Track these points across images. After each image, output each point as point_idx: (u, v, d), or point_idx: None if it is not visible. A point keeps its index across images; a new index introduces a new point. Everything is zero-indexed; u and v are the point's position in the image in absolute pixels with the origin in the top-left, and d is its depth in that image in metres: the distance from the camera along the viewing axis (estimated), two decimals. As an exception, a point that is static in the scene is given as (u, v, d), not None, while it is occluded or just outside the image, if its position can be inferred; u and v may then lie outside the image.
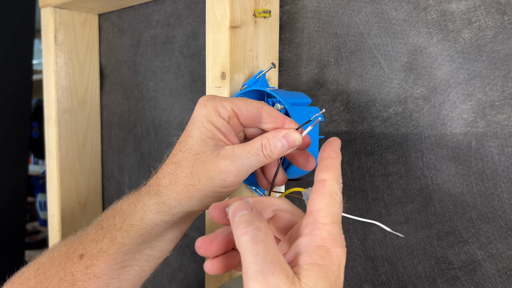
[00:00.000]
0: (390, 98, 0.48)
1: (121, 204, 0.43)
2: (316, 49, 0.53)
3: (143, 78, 0.75)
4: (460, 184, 0.44)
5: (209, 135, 0.38)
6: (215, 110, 0.38)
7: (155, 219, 0.40)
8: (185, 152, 0.39)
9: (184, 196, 0.39)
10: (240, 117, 0.38)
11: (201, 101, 0.39)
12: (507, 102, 0.41)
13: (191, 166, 0.38)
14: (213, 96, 0.39)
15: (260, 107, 0.38)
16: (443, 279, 0.45)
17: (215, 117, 0.38)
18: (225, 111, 0.38)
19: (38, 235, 2.28)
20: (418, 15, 0.45)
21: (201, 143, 0.38)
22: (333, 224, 0.30)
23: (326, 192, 0.31)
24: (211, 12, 0.49)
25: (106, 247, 0.41)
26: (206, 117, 0.38)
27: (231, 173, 0.38)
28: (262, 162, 0.38)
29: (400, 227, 0.48)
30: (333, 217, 0.31)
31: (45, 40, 0.77)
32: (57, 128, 0.77)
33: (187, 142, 0.39)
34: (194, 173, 0.38)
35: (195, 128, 0.38)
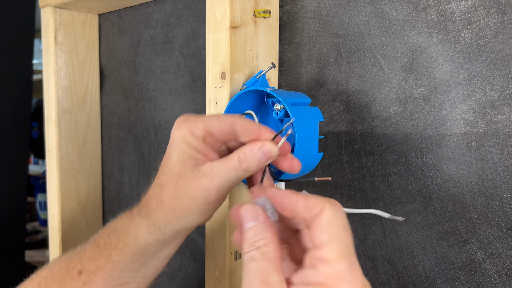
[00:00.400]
0: (390, 98, 0.48)
1: (115, 224, 0.44)
2: (316, 49, 0.53)
3: (143, 78, 0.75)
4: (460, 184, 0.44)
5: (186, 156, 0.39)
6: (190, 131, 0.38)
7: (148, 239, 0.42)
8: (167, 174, 0.40)
9: (171, 217, 0.40)
10: (215, 135, 0.38)
11: (176, 123, 0.39)
12: (507, 102, 0.41)
13: (173, 187, 0.39)
14: (187, 117, 0.39)
15: (233, 122, 0.38)
16: (443, 279, 0.46)
17: (190, 138, 0.38)
18: (198, 131, 0.38)
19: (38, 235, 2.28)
20: (418, 15, 0.45)
21: (180, 164, 0.39)
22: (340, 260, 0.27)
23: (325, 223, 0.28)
24: (211, 12, 0.49)
25: (103, 264, 0.43)
26: (181, 139, 0.38)
27: (213, 190, 0.38)
28: (242, 177, 0.38)
29: (400, 227, 0.48)
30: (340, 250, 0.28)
31: (45, 40, 0.77)
32: (57, 128, 0.77)
33: (168, 165, 0.40)
34: (177, 194, 0.39)
35: (173, 150, 0.39)
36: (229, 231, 0.50)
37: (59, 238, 0.78)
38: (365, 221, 0.50)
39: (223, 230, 0.50)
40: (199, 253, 0.69)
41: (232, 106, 0.47)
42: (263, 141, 0.37)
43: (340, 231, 0.28)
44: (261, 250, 0.30)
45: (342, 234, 0.28)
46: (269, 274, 0.29)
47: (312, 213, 0.29)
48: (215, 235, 0.51)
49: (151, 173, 0.76)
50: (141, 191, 0.78)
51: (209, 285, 0.53)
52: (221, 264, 0.51)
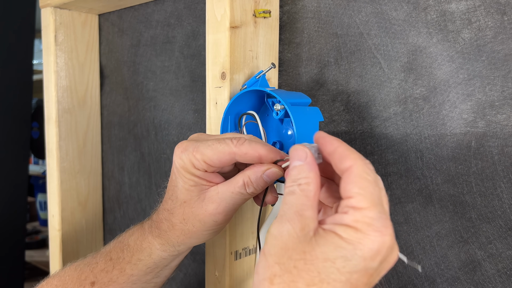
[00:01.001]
0: (390, 98, 0.48)
1: (127, 239, 0.45)
2: (316, 49, 0.53)
3: (143, 78, 0.75)
4: (460, 184, 0.44)
5: (191, 184, 0.40)
6: (190, 163, 0.39)
7: (163, 255, 0.44)
8: (174, 200, 0.41)
9: (183, 238, 0.42)
10: (215, 166, 0.39)
11: (176, 151, 0.40)
12: (507, 102, 0.41)
13: (182, 213, 0.41)
14: (186, 146, 0.39)
15: (232, 153, 0.38)
16: (443, 279, 0.46)
17: (192, 169, 0.39)
18: (198, 164, 0.39)
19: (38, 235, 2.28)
20: (418, 15, 0.45)
21: (185, 192, 0.40)
22: (370, 208, 0.28)
23: (356, 176, 0.29)
24: (211, 12, 0.49)
25: (116, 277, 0.44)
26: (183, 169, 0.39)
27: (220, 215, 0.40)
28: (247, 199, 0.40)
29: (400, 227, 0.48)
30: (370, 199, 0.28)
31: (45, 40, 0.77)
32: (57, 128, 0.77)
33: (174, 191, 0.41)
34: (186, 219, 0.41)
35: (178, 178, 0.40)
36: (229, 231, 0.50)
37: (59, 238, 0.78)
38: (365, 221, 0.50)
39: (223, 230, 0.50)
40: (199, 253, 0.69)
41: (232, 106, 0.47)
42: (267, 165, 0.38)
43: (369, 184, 0.29)
44: (302, 187, 0.31)
45: (372, 187, 0.29)
46: (305, 209, 0.30)
47: (344, 165, 0.30)
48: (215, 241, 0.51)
49: (151, 173, 0.76)
50: (141, 191, 0.78)
51: (209, 285, 0.53)
52: (221, 264, 0.51)
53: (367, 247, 0.28)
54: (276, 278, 0.28)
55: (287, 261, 0.28)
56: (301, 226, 0.29)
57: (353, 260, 0.27)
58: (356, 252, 0.28)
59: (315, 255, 0.28)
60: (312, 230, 0.29)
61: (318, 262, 0.28)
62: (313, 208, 0.30)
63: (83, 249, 0.82)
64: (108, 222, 0.85)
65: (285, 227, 0.29)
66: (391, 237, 0.28)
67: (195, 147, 0.38)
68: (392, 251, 0.29)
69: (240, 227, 0.51)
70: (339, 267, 0.27)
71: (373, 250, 0.28)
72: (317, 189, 0.31)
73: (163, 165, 0.73)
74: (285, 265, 0.28)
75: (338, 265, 0.27)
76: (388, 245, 0.28)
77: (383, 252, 0.28)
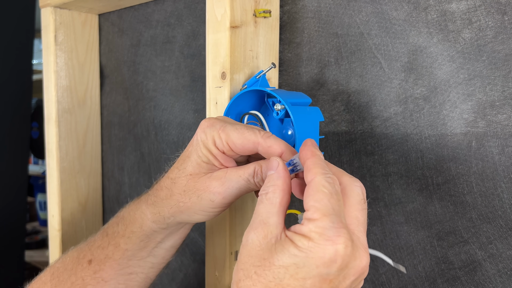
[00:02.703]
0: (390, 98, 0.48)
1: (123, 212, 0.46)
2: (316, 49, 0.53)
3: (143, 78, 0.75)
4: (460, 184, 0.44)
5: (204, 160, 0.40)
6: (212, 139, 0.39)
7: (153, 226, 0.43)
8: (181, 170, 0.41)
9: (176, 210, 0.42)
10: (236, 150, 0.39)
11: (202, 125, 0.40)
12: (507, 102, 0.41)
13: (185, 184, 0.41)
14: (213, 122, 0.40)
15: (256, 142, 0.38)
16: (443, 279, 0.46)
17: (212, 146, 0.39)
18: (220, 143, 0.39)
19: (38, 235, 2.28)
20: (419, 15, 0.45)
21: (196, 165, 0.40)
22: (324, 218, 0.30)
23: (312, 190, 0.31)
24: (211, 12, 0.49)
25: (112, 253, 0.45)
26: (203, 143, 0.39)
27: (220, 195, 0.39)
28: (251, 189, 0.39)
29: (400, 227, 0.48)
30: (324, 210, 0.30)
31: (45, 40, 0.77)
32: (57, 128, 0.77)
33: (185, 162, 0.41)
34: (186, 191, 0.40)
35: (194, 151, 0.40)
36: (229, 231, 0.50)
37: (59, 238, 0.78)
38: (365, 221, 0.50)
39: (223, 230, 0.50)
40: (199, 253, 0.69)
41: (232, 106, 0.47)
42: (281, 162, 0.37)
43: (324, 196, 0.31)
44: (269, 195, 0.33)
45: (327, 199, 0.31)
46: (269, 216, 0.32)
47: (308, 178, 0.32)
48: (215, 235, 0.51)
49: (151, 173, 0.76)
50: (141, 191, 0.78)
51: (209, 285, 0.53)
52: (221, 264, 0.51)
53: (317, 255, 0.29)
54: (240, 283, 0.31)
55: (249, 267, 0.31)
56: (264, 234, 0.31)
57: (306, 267, 0.29)
58: (308, 260, 0.29)
59: (272, 262, 0.30)
60: (274, 237, 0.31)
61: (274, 268, 0.30)
62: (278, 215, 0.32)
63: (83, 249, 0.82)
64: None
65: (250, 236, 0.32)
66: (345, 245, 0.29)
67: (222, 126, 0.39)
68: (353, 258, 0.30)
69: (240, 227, 0.51)
70: (293, 273, 0.30)
71: (324, 258, 0.29)
72: (284, 196, 0.33)
73: (163, 165, 0.73)
74: (247, 271, 0.31)
75: (292, 271, 0.30)
76: (343, 253, 0.29)
77: (338, 260, 0.29)
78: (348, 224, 0.32)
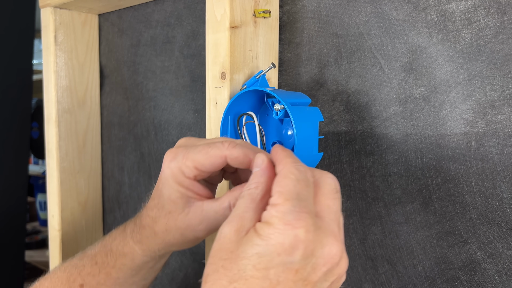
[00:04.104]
0: (390, 98, 0.48)
1: (110, 244, 0.46)
2: (316, 49, 0.53)
3: (143, 78, 0.75)
4: (460, 184, 0.44)
5: (178, 196, 0.39)
6: (180, 171, 0.38)
7: (144, 259, 0.44)
8: (159, 209, 0.41)
9: (164, 246, 0.42)
10: (206, 171, 0.38)
11: (165, 159, 0.39)
12: (507, 102, 0.41)
13: (165, 223, 0.40)
14: (175, 153, 0.39)
15: (223, 156, 0.37)
16: (443, 279, 0.46)
17: (181, 177, 0.38)
18: (189, 171, 0.38)
19: (38, 235, 2.28)
20: (418, 15, 0.45)
21: (171, 203, 0.40)
22: (285, 202, 0.29)
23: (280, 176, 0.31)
24: (211, 12, 0.49)
25: (103, 280, 0.45)
26: (172, 178, 0.39)
27: (202, 231, 0.40)
28: None
29: (400, 227, 0.48)
30: (287, 195, 0.30)
31: (45, 40, 0.77)
32: (57, 128, 0.77)
33: (160, 200, 0.40)
34: (169, 230, 0.40)
35: (165, 187, 0.40)
36: (229, 231, 0.50)
37: (59, 238, 0.78)
38: (365, 221, 0.50)
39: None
40: (199, 253, 0.69)
41: (232, 106, 0.47)
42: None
43: (290, 182, 0.30)
44: (251, 191, 0.33)
45: (293, 184, 0.30)
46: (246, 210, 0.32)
47: (278, 169, 0.32)
48: (215, 235, 0.51)
49: (151, 173, 0.76)
50: (141, 191, 0.78)
51: (209, 285, 0.52)
52: (221, 264, 0.51)
53: (277, 241, 0.28)
54: (208, 277, 0.30)
55: (218, 261, 0.30)
56: (237, 227, 0.31)
57: (267, 256, 0.28)
58: (269, 248, 0.29)
59: (237, 254, 0.29)
60: (245, 230, 0.30)
61: (238, 260, 0.29)
62: (255, 210, 0.32)
63: (83, 249, 0.82)
64: (108, 222, 0.85)
65: (224, 229, 0.31)
66: (306, 229, 0.28)
67: (185, 154, 0.38)
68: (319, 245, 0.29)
69: (240, 227, 0.51)
70: (255, 264, 0.29)
71: (284, 244, 0.28)
72: (265, 192, 0.32)
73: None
74: (215, 265, 0.30)
75: (254, 261, 0.29)
76: (304, 238, 0.28)
77: (300, 246, 0.28)
78: (318, 212, 0.31)
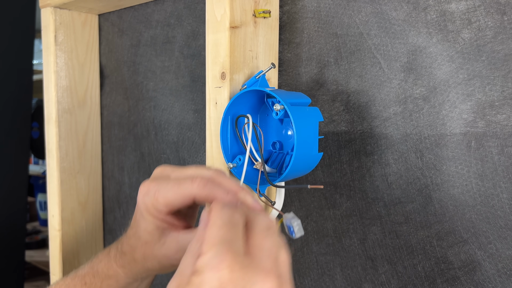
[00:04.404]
0: (390, 98, 0.48)
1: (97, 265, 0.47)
2: (316, 49, 0.53)
3: (143, 78, 0.75)
4: (460, 184, 0.44)
5: (153, 227, 0.41)
6: (153, 206, 0.40)
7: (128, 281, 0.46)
8: (137, 239, 0.43)
9: (144, 270, 0.44)
10: (177, 207, 0.40)
11: (139, 193, 0.41)
12: (507, 102, 0.41)
13: (143, 252, 0.43)
14: (148, 188, 0.41)
15: (191, 195, 0.38)
16: (443, 279, 0.46)
17: (154, 212, 0.40)
18: (160, 207, 0.40)
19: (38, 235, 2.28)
20: (418, 15, 0.45)
21: (147, 234, 0.42)
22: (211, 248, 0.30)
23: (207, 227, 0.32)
24: (211, 12, 0.49)
25: None
26: (146, 212, 0.41)
27: (178, 260, 0.41)
28: None
29: (400, 227, 0.48)
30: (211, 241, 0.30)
31: (45, 40, 0.77)
32: (57, 128, 0.77)
33: (137, 231, 0.43)
34: (147, 258, 0.43)
35: (141, 219, 0.42)
36: (229, 231, 0.50)
37: (59, 238, 0.78)
38: (365, 221, 0.50)
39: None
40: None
41: (232, 106, 0.47)
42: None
43: (214, 229, 0.31)
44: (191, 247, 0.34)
45: (216, 231, 0.31)
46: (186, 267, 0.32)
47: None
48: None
49: (151, 173, 0.76)
50: (141, 191, 0.78)
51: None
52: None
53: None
54: None
55: None
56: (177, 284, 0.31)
57: None
58: None
59: None
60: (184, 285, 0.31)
61: None
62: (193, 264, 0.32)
63: (83, 249, 0.82)
64: (108, 222, 0.85)
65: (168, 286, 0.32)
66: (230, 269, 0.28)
67: (156, 191, 0.40)
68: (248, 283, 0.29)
69: (240, 227, 0.51)
70: None
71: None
72: None
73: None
74: None
75: None
76: (229, 278, 0.28)
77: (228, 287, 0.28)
78: (249, 251, 0.31)
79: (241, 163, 0.49)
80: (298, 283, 0.56)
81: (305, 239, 0.55)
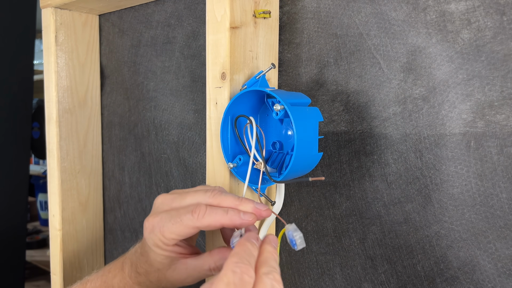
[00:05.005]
0: (389, 98, 0.48)
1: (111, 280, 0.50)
2: (316, 50, 0.53)
3: (144, 79, 0.75)
4: (459, 184, 0.44)
5: (162, 257, 0.45)
6: (160, 242, 0.43)
7: None
8: (149, 265, 0.46)
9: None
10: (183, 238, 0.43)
11: (144, 230, 0.44)
12: (506, 102, 0.41)
13: (157, 276, 0.46)
14: (152, 226, 0.43)
15: (195, 227, 0.41)
16: (442, 278, 0.46)
17: (162, 245, 0.44)
18: (167, 241, 0.43)
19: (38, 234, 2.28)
20: (417, 16, 0.45)
21: (157, 263, 0.45)
22: None
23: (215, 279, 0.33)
24: (211, 13, 0.49)
25: None
26: (154, 246, 0.44)
27: (190, 283, 0.46)
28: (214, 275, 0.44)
29: (399, 226, 0.48)
30: None
31: (46, 40, 0.77)
32: (58, 128, 0.77)
33: (148, 259, 0.46)
34: (160, 281, 0.47)
35: (150, 251, 0.45)
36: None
37: (60, 238, 0.78)
38: (365, 220, 0.50)
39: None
40: (199, 252, 0.69)
41: (232, 106, 0.47)
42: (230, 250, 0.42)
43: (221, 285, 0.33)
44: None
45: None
46: None
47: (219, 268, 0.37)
48: (215, 235, 0.51)
49: (152, 173, 0.76)
50: (141, 191, 0.78)
51: (209, 284, 0.53)
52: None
53: None
54: None
55: None
56: None
57: None
58: None
59: None
60: None
61: None
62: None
63: (83, 249, 0.82)
64: (108, 222, 0.86)
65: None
66: None
67: (161, 227, 0.42)
68: None
69: (240, 227, 0.52)
70: None
71: None
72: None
73: (163, 165, 0.74)
74: None
75: None
76: None
77: None
78: None
79: (241, 163, 0.49)
80: (298, 283, 0.57)
81: (305, 239, 0.55)
